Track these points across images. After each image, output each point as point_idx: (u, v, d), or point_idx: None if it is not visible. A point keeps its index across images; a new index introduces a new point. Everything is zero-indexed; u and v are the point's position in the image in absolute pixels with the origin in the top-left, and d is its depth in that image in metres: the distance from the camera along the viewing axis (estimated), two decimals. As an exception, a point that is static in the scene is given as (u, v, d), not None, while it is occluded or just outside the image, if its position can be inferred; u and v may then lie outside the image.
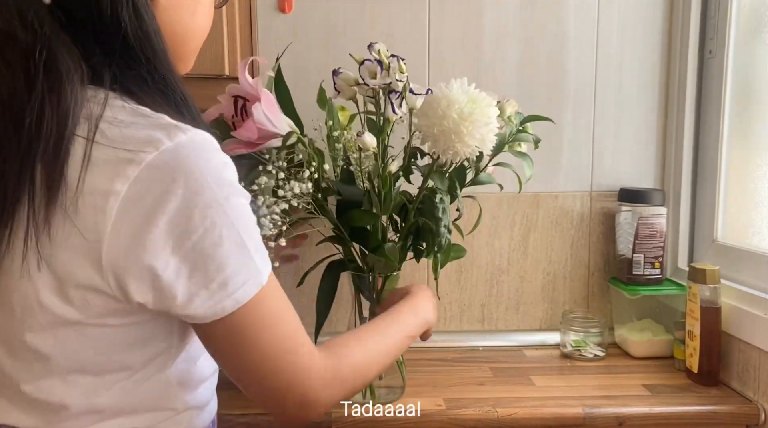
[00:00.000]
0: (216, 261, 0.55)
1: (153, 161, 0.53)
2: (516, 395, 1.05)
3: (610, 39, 1.29)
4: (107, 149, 0.53)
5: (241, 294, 0.57)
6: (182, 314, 0.58)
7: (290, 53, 1.15)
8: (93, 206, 0.53)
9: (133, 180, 0.52)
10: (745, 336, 1.06)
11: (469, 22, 1.28)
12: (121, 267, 0.54)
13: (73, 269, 0.54)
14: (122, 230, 0.53)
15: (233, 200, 0.57)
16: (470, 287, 1.33)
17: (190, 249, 0.54)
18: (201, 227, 0.54)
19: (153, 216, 0.53)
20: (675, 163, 1.29)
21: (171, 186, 0.53)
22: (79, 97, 0.55)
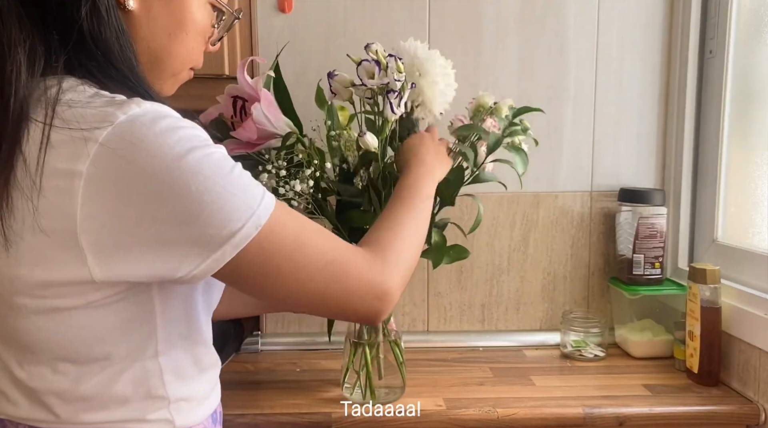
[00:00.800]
0: (201, 218, 0.55)
1: (108, 136, 0.53)
2: (516, 395, 1.05)
3: (610, 39, 1.29)
4: (64, 130, 0.54)
5: (240, 238, 0.57)
6: (188, 273, 0.57)
7: (290, 53, 1.15)
8: (58, 189, 0.53)
9: (92, 158, 0.53)
10: (745, 336, 1.05)
11: (469, 22, 1.28)
12: (101, 245, 0.54)
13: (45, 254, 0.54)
14: (94, 208, 0.53)
15: (197, 152, 0.55)
16: (470, 287, 1.33)
17: (171, 213, 0.54)
18: (174, 190, 0.54)
19: (123, 192, 0.53)
20: (675, 163, 1.29)
21: (132, 157, 0.53)
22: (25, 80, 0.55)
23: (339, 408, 1.00)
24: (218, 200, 0.55)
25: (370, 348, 1.03)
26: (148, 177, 0.53)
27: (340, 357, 1.07)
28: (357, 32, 1.26)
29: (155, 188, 0.54)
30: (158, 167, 0.53)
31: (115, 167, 0.53)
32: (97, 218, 0.53)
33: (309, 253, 0.62)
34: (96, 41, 0.59)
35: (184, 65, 0.70)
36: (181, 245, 0.55)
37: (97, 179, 0.53)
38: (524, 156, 1.03)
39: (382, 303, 0.66)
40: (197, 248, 0.56)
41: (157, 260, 0.56)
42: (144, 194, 0.53)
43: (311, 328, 1.31)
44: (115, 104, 0.55)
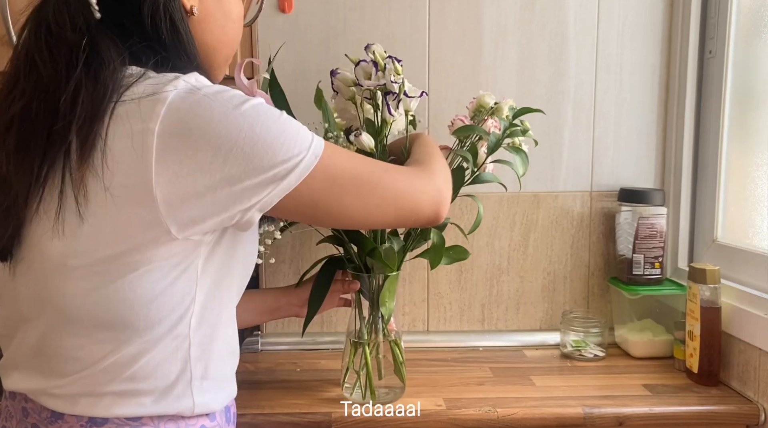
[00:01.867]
0: (267, 153, 0.61)
1: (176, 96, 0.60)
2: (516, 395, 1.05)
3: (610, 39, 1.29)
4: (132, 102, 0.60)
5: (302, 167, 0.64)
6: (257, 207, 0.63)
7: (290, 53, 1.15)
8: (130, 149, 0.59)
9: (162, 115, 0.59)
10: (745, 336, 1.05)
11: (469, 22, 1.28)
12: (175, 194, 0.59)
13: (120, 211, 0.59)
14: (168, 160, 0.59)
15: (249, 103, 0.63)
16: (470, 287, 1.33)
17: (238, 152, 0.60)
18: (239, 133, 0.60)
19: (192, 142, 0.59)
20: (675, 163, 1.29)
21: (197, 112, 0.60)
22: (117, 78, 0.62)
23: (339, 408, 1.00)
24: (279, 137, 0.62)
25: (370, 348, 1.03)
26: (214, 126, 0.60)
27: (340, 357, 1.07)
28: (357, 32, 1.26)
29: (222, 133, 0.60)
30: (221, 116, 0.60)
31: (183, 121, 0.59)
32: (171, 168, 0.59)
33: (367, 171, 0.70)
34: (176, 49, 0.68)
35: (233, 50, 0.79)
36: (250, 179, 0.61)
37: (168, 134, 0.59)
38: (524, 157, 1.03)
39: (442, 199, 0.76)
40: (265, 179, 0.62)
41: (229, 199, 0.61)
42: (211, 140, 0.60)
43: (311, 328, 1.30)
44: (173, 76, 0.63)
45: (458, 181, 1.02)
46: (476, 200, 1.08)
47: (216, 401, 0.71)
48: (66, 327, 0.64)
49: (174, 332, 0.65)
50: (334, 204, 0.68)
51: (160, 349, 0.65)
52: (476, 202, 1.08)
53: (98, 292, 0.62)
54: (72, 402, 0.65)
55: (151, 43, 0.67)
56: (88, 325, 0.63)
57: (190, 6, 0.70)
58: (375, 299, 1.03)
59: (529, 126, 1.06)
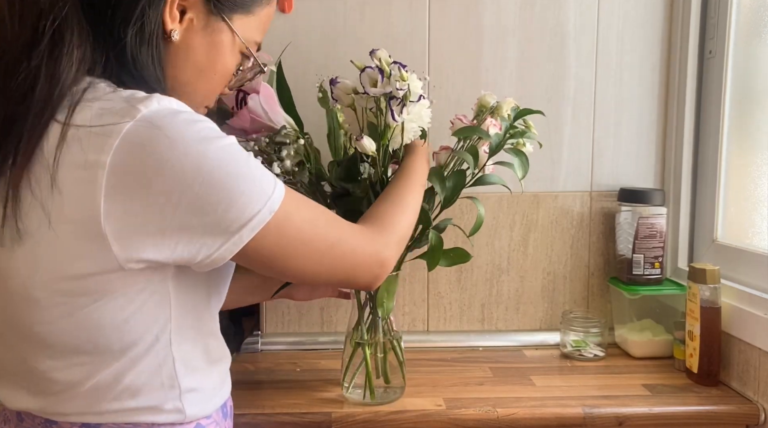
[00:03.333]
0: (221, 203, 0.58)
1: (131, 128, 0.56)
2: (516, 395, 1.05)
3: (610, 39, 1.29)
4: (84, 128, 0.56)
5: (255, 222, 0.61)
6: (199, 261, 0.60)
7: (290, 53, 1.15)
8: (80, 181, 0.56)
9: (115, 149, 0.55)
10: (745, 336, 1.05)
11: (469, 22, 1.28)
12: (128, 235, 0.56)
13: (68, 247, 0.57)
14: (117, 197, 0.56)
15: (215, 143, 0.59)
16: (470, 287, 1.33)
17: (193, 198, 0.57)
18: (196, 178, 0.57)
19: (146, 181, 0.56)
20: (675, 163, 1.29)
21: (154, 147, 0.56)
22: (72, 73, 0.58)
23: (339, 408, 1.00)
24: (237, 187, 0.59)
25: (370, 348, 1.03)
26: (170, 166, 0.56)
27: (340, 357, 1.07)
28: (357, 32, 1.26)
29: (177, 176, 0.56)
30: (179, 157, 0.56)
31: (137, 157, 0.56)
32: (121, 206, 0.56)
33: (319, 234, 0.67)
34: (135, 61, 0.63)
35: (203, 103, 0.73)
36: (202, 230, 0.59)
37: (120, 169, 0.55)
38: (524, 160, 1.02)
39: (381, 270, 0.74)
40: (217, 232, 0.59)
41: (178, 245, 0.58)
42: (166, 182, 0.56)
43: (311, 328, 1.31)
44: (136, 100, 0.58)
45: (459, 183, 1.01)
46: (476, 202, 1.07)
47: (209, 407, 0.70)
48: (40, 351, 0.62)
49: (153, 350, 0.64)
50: (281, 263, 0.65)
51: (142, 368, 0.63)
52: (476, 204, 1.07)
53: (66, 320, 0.60)
54: (65, 418, 0.64)
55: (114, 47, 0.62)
56: (62, 350, 0.62)
57: (170, 29, 0.65)
58: (374, 299, 1.03)
59: (533, 127, 1.05)
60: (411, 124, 0.94)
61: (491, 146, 1.01)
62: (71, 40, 0.59)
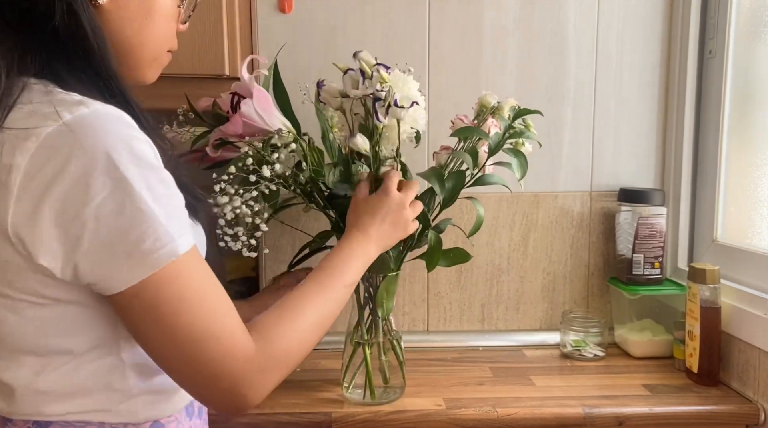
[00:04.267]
0: (118, 228, 0.55)
1: (52, 133, 0.54)
2: (516, 395, 1.05)
3: (610, 39, 1.29)
4: (10, 131, 0.55)
5: (151, 262, 0.56)
6: (92, 283, 0.57)
7: (290, 53, 1.15)
8: None
9: (33, 152, 0.54)
10: (745, 336, 1.05)
11: (469, 22, 1.28)
12: (28, 236, 0.55)
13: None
14: (25, 200, 0.54)
15: (137, 170, 0.56)
16: (470, 287, 1.33)
17: (91, 217, 0.54)
18: (100, 195, 0.54)
19: (53, 185, 0.54)
20: (675, 163, 1.29)
21: (70, 156, 0.54)
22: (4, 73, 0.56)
23: (339, 408, 1.00)
24: (141, 218, 0.56)
25: (370, 348, 1.03)
26: (79, 176, 0.54)
27: (340, 357, 1.07)
28: (357, 32, 1.26)
29: (83, 189, 0.54)
30: (90, 170, 0.54)
31: (52, 163, 0.54)
32: (26, 210, 0.54)
33: (202, 317, 0.59)
34: (73, 40, 0.59)
35: (160, 51, 0.70)
36: (99, 253, 0.55)
37: (34, 173, 0.54)
38: (523, 160, 1.02)
39: (236, 404, 0.62)
40: (107, 258, 0.56)
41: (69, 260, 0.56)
42: (71, 191, 0.54)
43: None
44: (65, 104, 0.56)
45: (458, 183, 1.01)
46: (476, 203, 1.07)
47: (167, 408, 0.67)
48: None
49: (101, 355, 0.62)
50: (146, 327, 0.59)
51: (90, 371, 0.61)
52: (476, 205, 1.07)
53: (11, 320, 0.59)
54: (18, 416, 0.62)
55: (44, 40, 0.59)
56: (9, 349, 0.61)
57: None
58: (374, 299, 1.03)
59: (533, 127, 1.05)
60: (404, 125, 0.93)
61: (490, 147, 1.01)
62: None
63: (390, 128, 0.93)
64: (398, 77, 0.92)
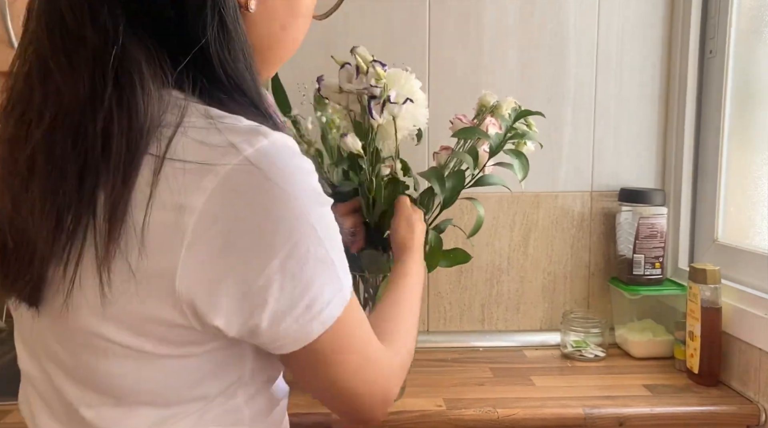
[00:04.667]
0: (303, 281, 0.50)
1: (233, 171, 0.46)
2: (516, 395, 1.05)
3: (610, 39, 1.29)
4: (178, 163, 0.47)
5: (326, 316, 0.52)
6: (267, 342, 0.52)
7: (290, 53, 1.15)
8: (163, 226, 0.47)
9: (210, 193, 0.46)
10: (745, 336, 1.05)
11: (469, 22, 1.27)
12: (199, 293, 0.48)
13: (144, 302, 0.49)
14: (200, 250, 0.47)
15: (318, 210, 0.51)
16: (470, 287, 1.33)
17: (277, 269, 0.49)
18: (287, 245, 0.49)
19: (234, 234, 0.47)
20: (675, 163, 1.29)
21: (254, 199, 0.47)
22: (156, 112, 0.48)
23: (339, 408, 1.00)
24: (322, 267, 0.51)
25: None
26: (266, 224, 0.48)
27: (340, 357, 1.07)
28: (357, 32, 1.26)
29: (269, 239, 0.48)
30: (283, 214, 0.48)
31: (234, 207, 0.47)
32: (200, 260, 0.47)
33: (362, 346, 0.58)
34: (224, 62, 0.52)
35: (293, 49, 0.64)
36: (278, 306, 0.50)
37: (212, 218, 0.46)
38: (524, 161, 1.01)
39: (386, 409, 0.62)
40: (290, 316, 0.51)
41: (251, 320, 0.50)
42: (256, 242, 0.48)
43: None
44: (241, 134, 0.48)
45: (458, 184, 1.01)
46: (476, 203, 1.06)
47: None
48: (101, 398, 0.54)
49: (224, 406, 0.57)
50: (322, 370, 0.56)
51: (213, 419, 0.56)
52: (476, 205, 1.06)
53: (134, 373, 0.52)
54: None
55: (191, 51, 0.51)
56: (126, 400, 0.54)
57: None
58: (374, 299, 1.03)
59: (534, 126, 1.04)
60: (404, 122, 0.93)
61: (491, 147, 1.01)
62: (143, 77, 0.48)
63: (387, 126, 0.93)
64: (396, 74, 0.91)
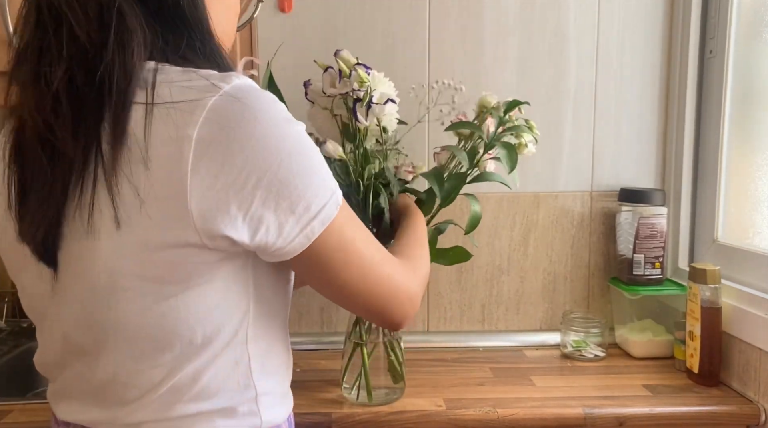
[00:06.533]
0: (297, 187, 0.57)
1: (216, 102, 0.55)
2: (516, 395, 1.05)
3: (610, 39, 1.29)
4: (167, 105, 0.55)
5: (325, 215, 0.59)
6: (277, 247, 0.59)
7: (290, 53, 1.15)
8: (167, 157, 0.54)
9: (201, 122, 0.54)
10: (745, 336, 1.05)
11: (469, 21, 1.27)
12: (210, 208, 0.55)
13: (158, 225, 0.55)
14: (203, 172, 0.54)
15: (297, 128, 0.59)
16: (470, 287, 1.33)
17: (272, 180, 0.56)
18: (278, 158, 0.56)
19: (230, 153, 0.55)
20: (675, 163, 1.29)
21: (241, 122, 0.55)
22: (142, 57, 0.57)
23: (339, 408, 1.00)
24: (312, 174, 0.59)
25: (369, 349, 1.03)
26: (254, 141, 0.56)
27: (340, 357, 1.07)
28: (357, 32, 1.26)
29: (260, 153, 0.56)
30: (264, 133, 0.56)
31: (223, 130, 0.55)
32: (205, 180, 0.54)
33: (370, 248, 0.65)
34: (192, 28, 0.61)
35: (230, 44, 0.72)
36: (280, 213, 0.57)
37: (206, 142, 0.54)
38: (513, 153, 1.00)
39: (413, 308, 0.70)
40: (293, 217, 0.58)
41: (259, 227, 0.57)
42: (249, 158, 0.55)
43: (311, 328, 1.31)
44: (216, 77, 0.57)
45: (457, 185, 1.00)
46: (471, 199, 1.06)
47: (281, 415, 0.68)
48: (122, 354, 0.60)
49: (231, 346, 0.62)
50: (332, 272, 0.63)
51: (220, 366, 0.62)
52: (471, 201, 1.06)
53: (152, 311, 0.58)
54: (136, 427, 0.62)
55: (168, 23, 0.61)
56: (145, 348, 0.60)
57: None
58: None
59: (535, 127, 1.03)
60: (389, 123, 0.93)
61: (485, 141, 1.00)
62: (134, 26, 0.58)
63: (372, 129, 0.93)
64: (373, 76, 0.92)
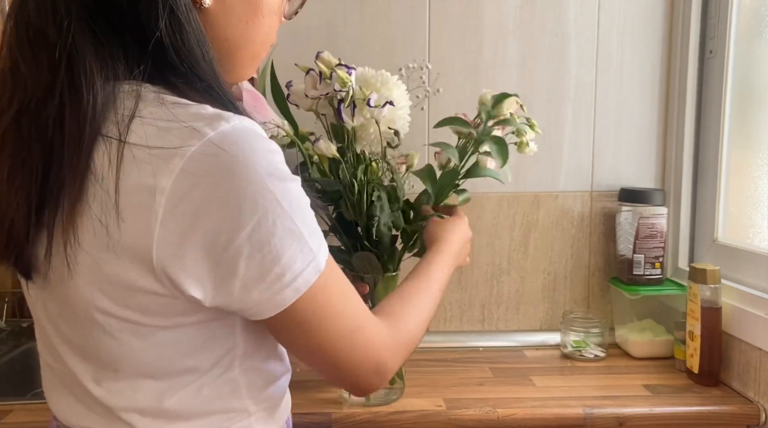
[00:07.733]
0: (271, 252, 0.53)
1: (196, 153, 0.51)
2: (516, 395, 1.05)
3: (610, 39, 1.29)
4: (143, 148, 0.51)
5: (300, 283, 0.56)
6: (242, 309, 0.56)
7: (290, 53, 1.15)
8: (138, 206, 0.51)
9: (177, 174, 0.50)
10: (745, 336, 1.05)
11: (469, 21, 1.27)
12: (173, 266, 0.52)
13: (126, 273, 0.53)
14: (171, 227, 0.51)
15: (283, 185, 0.54)
16: (470, 287, 1.33)
17: (244, 242, 0.52)
18: (253, 219, 0.52)
19: (202, 210, 0.51)
20: (675, 163, 1.29)
21: (219, 178, 0.51)
22: (100, 98, 0.53)
23: (339, 408, 1.00)
24: (293, 238, 0.54)
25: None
26: (230, 198, 0.51)
27: (340, 357, 1.07)
28: (356, 32, 1.26)
29: (235, 212, 0.52)
30: (244, 191, 0.52)
31: (198, 186, 0.51)
32: (173, 235, 0.51)
33: (348, 313, 0.61)
34: (178, 52, 0.56)
35: (264, 47, 0.67)
36: (248, 278, 0.54)
37: (179, 196, 0.51)
38: (503, 147, 0.98)
39: (380, 380, 0.65)
40: (262, 284, 0.54)
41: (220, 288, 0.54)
42: (222, 217, 0.52)
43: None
44: (203, 119, 0.53)
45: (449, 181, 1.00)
46: (462, 193, 1.05)
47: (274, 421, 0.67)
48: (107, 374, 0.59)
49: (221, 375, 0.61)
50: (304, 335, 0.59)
51: (207, 394, 0.60)
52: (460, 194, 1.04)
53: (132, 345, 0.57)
54: None
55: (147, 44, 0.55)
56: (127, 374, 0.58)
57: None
58: (373, 299, 1.03)
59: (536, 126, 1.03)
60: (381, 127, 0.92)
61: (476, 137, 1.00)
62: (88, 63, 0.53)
63: (363, 129, 0.92)
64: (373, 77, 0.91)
